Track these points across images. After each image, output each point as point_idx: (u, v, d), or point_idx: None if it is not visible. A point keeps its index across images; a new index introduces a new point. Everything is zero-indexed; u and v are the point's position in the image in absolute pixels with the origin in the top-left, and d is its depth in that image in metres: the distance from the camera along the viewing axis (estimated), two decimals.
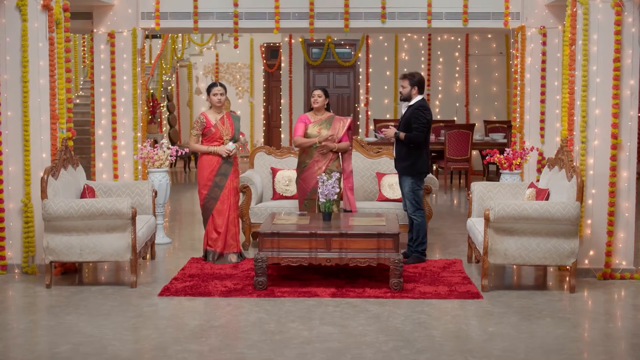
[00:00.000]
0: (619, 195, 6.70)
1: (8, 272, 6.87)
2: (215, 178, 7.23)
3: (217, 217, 7.24)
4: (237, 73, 17.98)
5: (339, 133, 7.46)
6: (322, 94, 7.49)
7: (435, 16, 9.42)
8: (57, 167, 6.62)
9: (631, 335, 5.32)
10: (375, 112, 15.34)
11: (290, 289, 6.24)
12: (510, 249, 6.22)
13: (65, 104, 6.98)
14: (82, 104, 14.20)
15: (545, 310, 5.77)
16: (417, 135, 7.09)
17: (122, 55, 9.28)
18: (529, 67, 9.30)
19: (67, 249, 6.33)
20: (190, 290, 6.24)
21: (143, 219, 7.01)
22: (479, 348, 4.93)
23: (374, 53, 15.39)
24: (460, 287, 6.35)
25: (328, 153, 7.42)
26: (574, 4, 6.84)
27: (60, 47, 6.90)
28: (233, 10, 9.44)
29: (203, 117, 7.27)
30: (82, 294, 6.18)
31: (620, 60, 6.58)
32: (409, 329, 5.29)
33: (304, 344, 4.97)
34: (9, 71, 6.79)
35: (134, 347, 4.96)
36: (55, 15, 6.84)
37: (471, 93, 15.27)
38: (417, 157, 7.19)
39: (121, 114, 9.31)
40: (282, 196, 8.19)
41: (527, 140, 9.31)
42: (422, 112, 7.12)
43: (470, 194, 7.40)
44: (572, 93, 6.88)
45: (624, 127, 6.66)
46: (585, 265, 6.78)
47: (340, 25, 9.52)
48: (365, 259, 6.25)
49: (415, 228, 7.25)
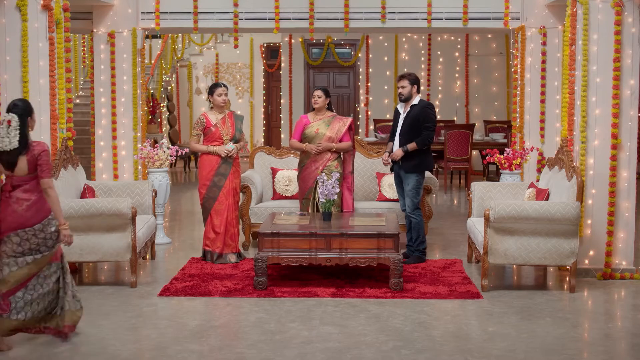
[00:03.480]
0: (619, 195, 6.71)
1: None
2: (213, 178, 7.23)
3: (215, 217, 7.24)
4: (237, 73, 17.98)
5: (339, 133, 7.44)
6: (322, 94, 7.47)
7: (435, 16, 9.43)
8: (57, 167, 6.62)
9: (631, 335, 5.32)
10: (375, 112, 15.34)
11: (290, 289, 6.24)
12: (510, 249, 6.22)
13: (65, 104, 6.98)
14: (82, 104, 14.20)
15: (545, 310, 5.77)
16: (428, 134, 7.14)
17: (122, 55, 9.28)
18: (529, 67, 9.30)
19: (67, 249, 6.31)
20: (190, 290, 6.24)
21: (143, 219, 7.01)
22: (479, 348, 4.93)
23: (374, 53, 15.39)
24: (460, 287, 6.35)
25: (325, 153, 7.41)
26: (574, 4, 6.84)
27: (60, 47, 6.90)
28: (233, 10, 9.44)
29: (203, 117, 7.28)
30: (82, 294, 6.15)
31: (620, 60, 6.58)
32: (409, 329, 5.29)
33: (304, 344, 4.97)
34: (9, 71, 6.78)
35: (134, 347, 4.96)
36: (55, 15, 6.84)
37: (471, 93, 15.27)
38: (425, 155, 7.23)
39: (121, 114, 9.31)
40: (282, 196, 8.19)
41: (527, 140, 9.31)
42: (432, 110, 7.22)
43: (470, 194, 7.40)
44: (572, 93, 6.88)
45: (624, 127, 6.66)
46: (585, 265, 6.78)
47: (340, 25, 9.52)
48: (365, 259, 6.25)
49: (414, 227, 7.25)
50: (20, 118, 4.85)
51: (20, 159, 4.82)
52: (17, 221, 4.83)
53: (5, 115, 4.87)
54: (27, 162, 4.83)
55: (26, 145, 4.84)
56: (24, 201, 4.85)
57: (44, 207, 4.89)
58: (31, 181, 4.87)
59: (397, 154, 7.19)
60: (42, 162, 4.84)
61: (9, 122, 4.82)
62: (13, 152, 4.80)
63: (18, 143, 4.80)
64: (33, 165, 4.84)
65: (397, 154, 7.19)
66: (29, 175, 4.86)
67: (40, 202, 4.88)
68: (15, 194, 4.85)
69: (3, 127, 4.82)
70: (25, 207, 4.84)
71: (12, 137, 4.80)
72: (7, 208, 4.84)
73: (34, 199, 4.87)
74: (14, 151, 4.80)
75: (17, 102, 4.93)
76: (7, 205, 4.85)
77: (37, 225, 4.86)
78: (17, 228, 4.84)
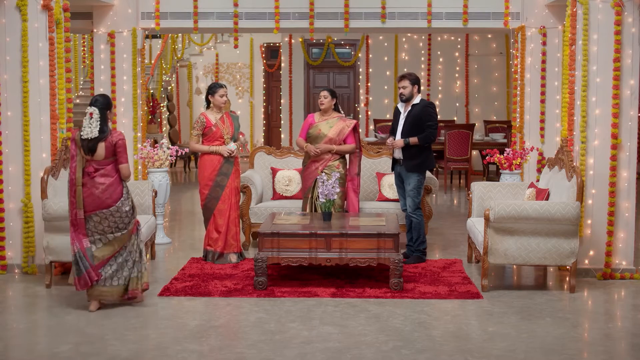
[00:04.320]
0: (619, 195, 6.71)
1: (8, 272, 6.87)
2: (216, 178, 7.24)
3: (219, 217, 7.24)
4: (237, 73, 17.98)
5: (341, 135, 7.42)
6: (329, 95, 7.45)
7: (435, 16, 9.43)
8: (57, 167, 6.62)
9: (631, 335, 5.32)
10: (375, 112, 15.34)
11: (290, 289, 6.24)
12: (510, 249, 6.22)
13: (65, 104, 6.98)
14: (82, 104, 14.18)
15: (545, 310, 5.77)
16: (431, 132, 7.15)
17: (122, 55, 9.28)
18: (529, 67, 9.30)
19: (67, 249, 6.31)
20: (190, 290, 6.24)
21: (143, 219, 7.01)
22: (479, 348, 4.93)
23: (374, 53, 15.39)
24: (460, 287, 6.35)
25: (326, 154, 7.40)
26: (574, 4, 6.84)
27: (60, 47, 6.90)
28: (233, 10, 9.44)
29: (203, 117, 7.27)
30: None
31: (620, 60, 6.58)
32: (409, 329, 5.29)
33: (304, 344, 4.97)
34: (9, 71, 6.79)
35: (134, 347, 4.96)
36: (55, 15, 6.84)
37: (471, 93, 15.27)
38: (427, 154, 7.25)
39: (121, 114, 9.31)
40: (282, 196, 8.18)
41: (527, 140, 9.31)
42: (433, 109, 7.23)
43: (470, 194, 7.40)
44: (572, 93, 6.88)
45: (624, 127, 6.66)
46: (585, 265, 6.78)
47: (340, 25, 9.52)
48: (365, 259, 6.24)
49: (415, 227, 7.25)
50: (101, 111, 5.70)
51: (99, 146, 5.64)
52: (95, 202, 5.64)
53: (88, 108, 5.71)
54: (104, 149, 5.65)
55: (105, 134, 5.65)
56: (101, 185, 5.65)
57: (118, 190, 5.70)
58: (107, 166, 5.68)
59: (398, 143, 7.20)
60: (121, 150, 5.69)
61: (91, 114, 5.68)
62: (93, 139, 5.63)
63: (98, 132, 5.62)
64: (110, 151, 5.67)
65: (398, 143, 7.20)
66: (106, 160, 5.68)
67: (114, 185, 5.68)
68: (95, 177, 5.65)
69: (86, 119, 5.68)
70: (101, 190, 5.64)
71: (93, 127, 5.64)
72: (88, 191, 5.64)
73: (108, 182, 5.66)
74: (94, 139, 5.63)
75: (98, 97, 5.78)
76: (88, 188, 5.65)
77: (112, 207, 5.66)
78: (96, 209, 5.65)
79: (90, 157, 5.65)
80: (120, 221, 5.70)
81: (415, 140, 7.13)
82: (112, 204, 5.65)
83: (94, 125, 5.65)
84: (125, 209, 5.72)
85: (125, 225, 5.73)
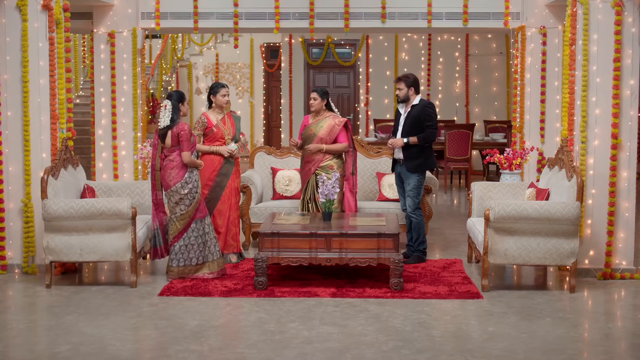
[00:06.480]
0: (619, 195, 6.71)
1: (8, 272, 6.87)
2: (216, 178, 7.23)
3: (218, 218, 7.24)
4: (237, 73, 17.97)
5: (332, 134, 7.38)
6: (318, 96, 7.40)
7: (435, 16, 9.42)
8: (57, 167, 6.62)
9: (631, 335, 5.32)
10: (375, 112, 15.34)
11: (290, 289, 6.24)
12: (510, 249, 6.22)
13: (65, 104, 6.98)
14: (82, 104, 14.19)
15: (545, 310, 5.77)
16: (431, 132, 7.16)
17: (122, 55, 9.27)
18: (529, 67, 9.30)
19: (67, 249, 6.33)
20: (190, 290, 6.24)
21: (143, 219, 7.01)
22: (479, 348, 4.93)
23: (374, 53, 15.39)
24: (460, 287, 6.35)
25: (317, 154, 7.39)
26: (574, 4, 6.84)
27: (60, 47, 6.90)
28: (233, 10, 9.44)
29: (204, 118, 7.27)
30: (82, 294, 6.18)
31: (620, 60, 6.58)
32: (409, 329, 5.29)
33: (304, 344, 4.97)
34: (9, 71, 6.79)
35: (134, 347, 4.96)
36: (55, 15, 6.84)
37: (471, 93, 15.27)
38: (428, 154, 7.25)
39: (121, 114, 9.30)
40: (282, 196, 8.18)
41: (527, 140, 9.31)
42: (432, 109, 7.24)
43: (470, 194, 7.40)
44: (572, 93, 6.88)
45: (624, 127, 6.66)
46: (585, 265, 6.78)
47: (340, 25, 9.52)
48: (365, 259, 6.25)
49: (415, 227, 7.25)
50: (173, 104, 6.52)
51: (168, 134, 6.48)
52: (165, 183, 6.53)
53: (163, 101, 6.52)
54: (171, 137, 6.47)
55: (174, 123, 6.47)
56: (168, 168, 6.50)
57: (179, 174, 6.48)
58: (173, 152, 6.49)
59: (397, 142, 7.20)
60: (183, 139, 6.44)
61: (165, 107, 6.50)
62: (164, 128, 6.50)
63: (169, 121, 6.45)
64: (175, 140, 6.47)
65: (397, 142, 7.20)
66: (172, 148, 6.49)
67: (177, 169, 6.48)
68: (165, 162, 6.51)
69: (161, 110, 6.51)
70: (168, 172, 6.50)
71: (165, 117, 6.48)
72: (161, 174, 6.56)
73: (172, 165, 6.48)
74: (165, 128, 6.49)
75: (172, 92, 6.63)
76: (161, 171, 6.55)
77: (173, 187, 6.47)
78: (166, 189, 6.53)
79: (163, 145, 6.53)
80: (182, 202, 6.48)
81: (414, 140, 7.14)
82: (172, 185, 6.45)
83: (166, 115, 6.46)
84: (184, 191, 6.45)
85: (185, 206, 6.48)
